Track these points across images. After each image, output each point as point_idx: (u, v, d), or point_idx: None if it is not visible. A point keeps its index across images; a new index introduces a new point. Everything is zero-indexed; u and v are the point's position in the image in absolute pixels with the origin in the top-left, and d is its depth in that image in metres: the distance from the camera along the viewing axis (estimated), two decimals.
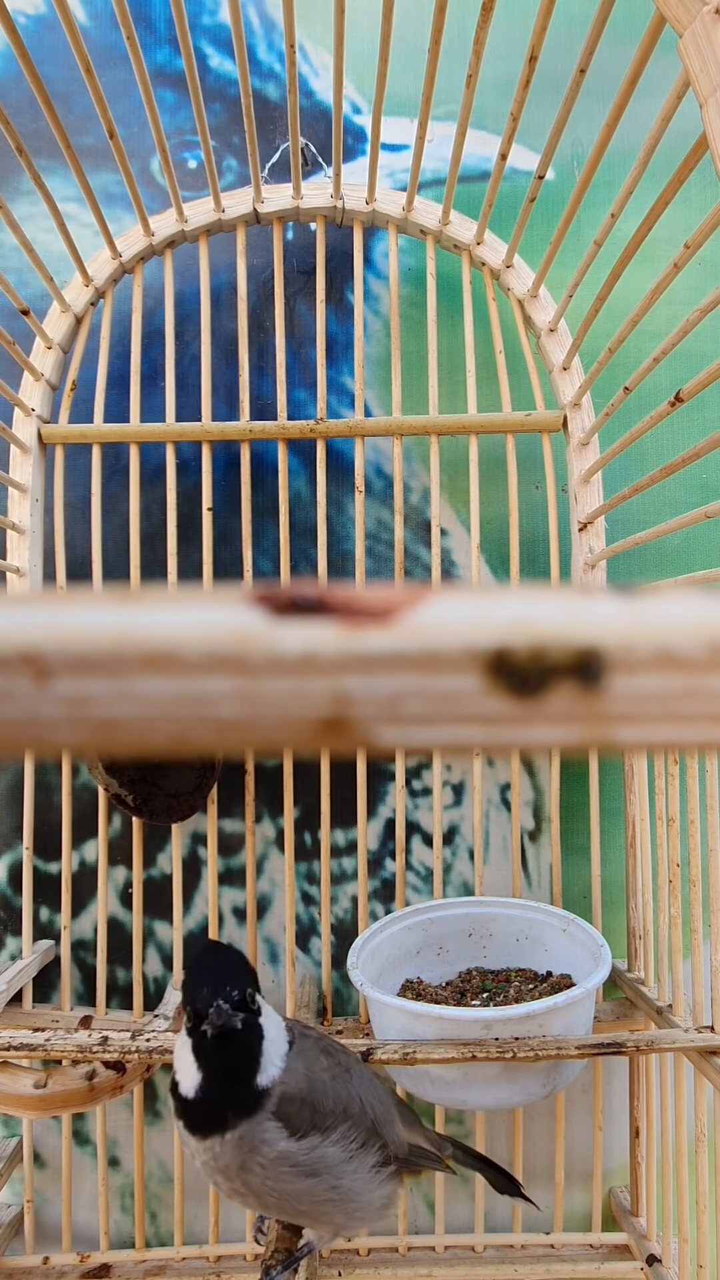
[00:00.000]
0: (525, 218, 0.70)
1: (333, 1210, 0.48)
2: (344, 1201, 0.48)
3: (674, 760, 0.66)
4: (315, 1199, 0.47)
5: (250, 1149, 0.45)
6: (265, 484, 0.81)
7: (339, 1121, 0.47)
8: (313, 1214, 0.48)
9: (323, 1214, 0.48)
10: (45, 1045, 0.57)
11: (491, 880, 0.81)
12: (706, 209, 0.79)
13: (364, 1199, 0.49)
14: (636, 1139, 0.76)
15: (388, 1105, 0.52)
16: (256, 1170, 0.45)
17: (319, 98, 0.85)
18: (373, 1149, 0.49)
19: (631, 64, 0.47)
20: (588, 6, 0.49)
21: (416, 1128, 0.55)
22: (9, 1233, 0.76)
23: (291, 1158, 0.45)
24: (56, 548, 0.78)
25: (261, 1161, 0.45)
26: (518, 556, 0.78)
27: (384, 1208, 0.51)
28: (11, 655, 0.13)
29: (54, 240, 0.74)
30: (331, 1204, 0.47)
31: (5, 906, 0.81)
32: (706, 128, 0.42)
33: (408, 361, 0.83)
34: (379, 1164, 0.49)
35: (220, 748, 0.14)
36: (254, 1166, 0.45)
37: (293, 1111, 0.46)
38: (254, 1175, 0.45)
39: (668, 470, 0.57)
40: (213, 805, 0.77)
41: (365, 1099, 0.50)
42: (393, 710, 0.13)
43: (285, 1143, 0.45)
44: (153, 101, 0.61)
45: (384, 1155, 0.50)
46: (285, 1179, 0.46)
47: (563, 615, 0.13)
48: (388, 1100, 0.52)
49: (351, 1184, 0.48)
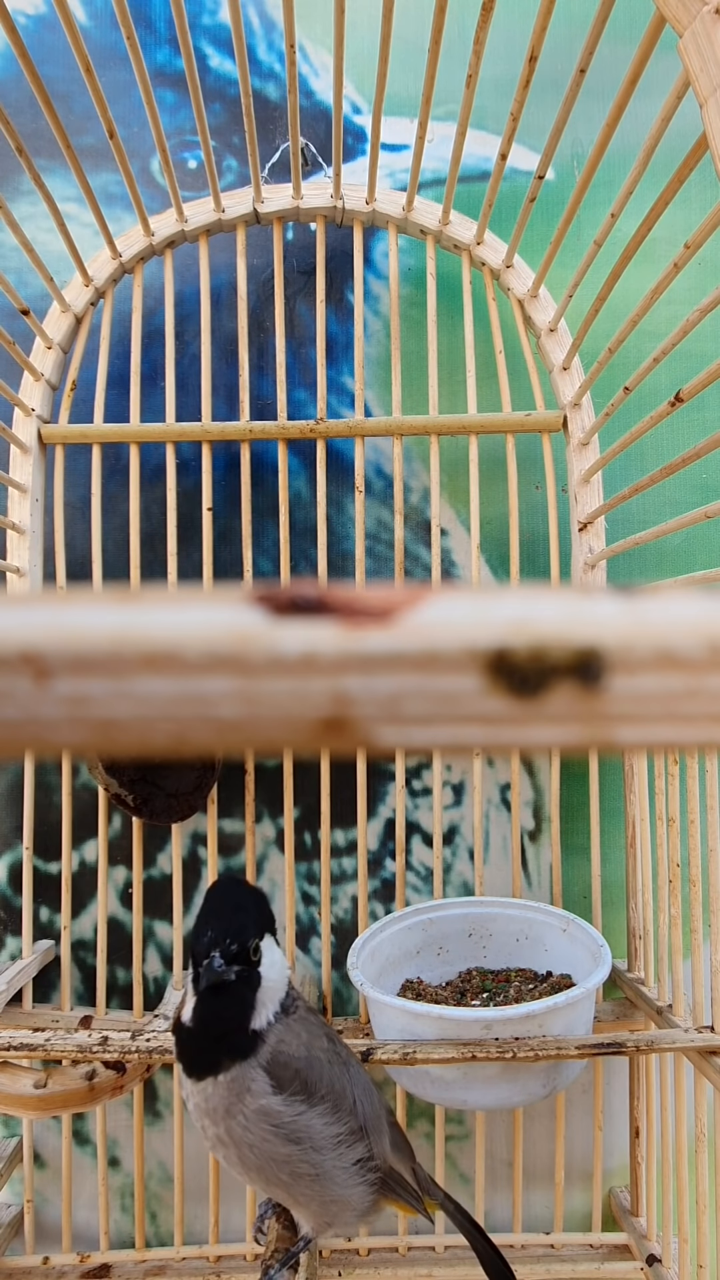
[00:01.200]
0: (525, 218, 0.70)
1: (311, 1192, 0.48)
2: (322, 1184, 0.48)
3: (674, 760, 0.66)
4: (295, 1171, 0.47)
5: (237, 1094, 0.46)
6: (265, 484, 0.81)
7: (327, 1100, 0.48)
8: (292, 1190, 0.48)
9: (301, 1193, 0.48)
10: (45, 1045, 0.57)
11: (491, 880, 0.81)
12: (706, 209, 0.79)
13: (343, 1191, 0.49)
14: (636, 1139, 0.76)
15: (379, 1117, 0.52)
16: (240, 1118, 0.46)
17: (319, 98, 0.85)
18: (357, 1147, 0.49)
19: (631, 64, 0.47)
20: (588, 6, 0.49)
21: (406, 1160, 0.54)
22: (9, 1233, 0.76)
23: (274, 1116, 0.46)
24: (56, 548, 0.78)
25: (245, 1111, 0.46)
26: (518, 556, 0.78)
27: (364, 1212, 0.51)
28: (11, 655, 0.13)
29: (54, 240, 0.74)
30: (310, 1182, 0.47)
31: (5, 906, 0.81)
32: (706, 128, 0.42)
33: (408, 361, 0.83)
34: (362, 1163, 0.49)
35: (220, 748, 0.14)
36: (238, 1113, 0.46)
37: (285, 1076, 0.46)
38: (237, 1123, 0.46)
39: (668, 470, 0.57)
40: (213, 805, 0.77)
41: (358, 1097, 0.50)
42: (393, 710, 0.13)
43: (270, 1098, 0.46)
44: (153, 101, 0.61)
45: (369, 1157, 0.50)
46: (266, 1137, 0.46)
47: (563, 615, 0.13)
48: (381, 1114, 0.52)
49: (331, 1169, 0.48)
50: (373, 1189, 0.50)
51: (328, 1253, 0.75)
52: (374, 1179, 0.50)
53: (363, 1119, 0.50)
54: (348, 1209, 0.50)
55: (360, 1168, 0.49)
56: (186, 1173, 0.78)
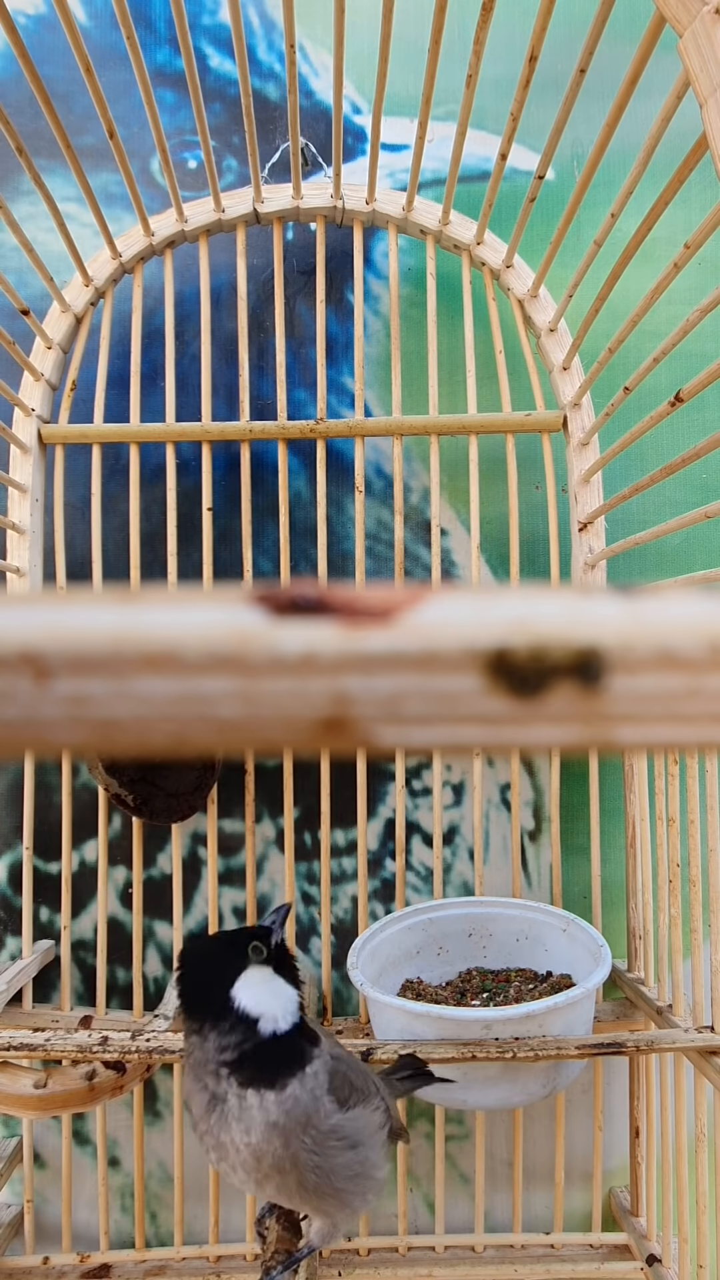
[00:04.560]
0: (525, 218, 0.70)
1: (354, 1188, 0.47)
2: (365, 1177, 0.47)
3: (674, 760, 0.66)
4: (350, 1173, 0.46)
5: (301, 1121, 0.44)
6: (265, 484, 0.81)
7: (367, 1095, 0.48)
8: (340, 1193, 0.47)
9: (346, 1193, 0.47)
10: (45, 1045, 0.57)
11: (491, 880, 0.81)
12: (706, 209, 0.79)
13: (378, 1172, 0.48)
14: (636, 1139, 0.76)
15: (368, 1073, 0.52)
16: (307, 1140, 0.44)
17: (319, 98, 0.85)
18: (386, 1122, 0.49)
19: (631, 64, 0.47)
20: (588, 6, 0.49)
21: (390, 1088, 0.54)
22: (9, 1233, 0.76)
23: (340, 1130, 0.45)
24: (56, 548, 0.78)
25: (313, 1134, 0.44)
26: (518, 556, 0.78)
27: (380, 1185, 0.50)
28: (11, 655, 0.13)
29: (54, 240, 0.74)
30: (358, 1179, 0.47)
31: (5, 906, 0.81)
32: (706, 128, 0.42)
33: (408, 361, 0.83)
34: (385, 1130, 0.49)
35: (220, 748, 0.14)
36: (316, 1123, 0.44)
37: (337, 1085, 0.46)
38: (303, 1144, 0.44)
39: (668, 470, 0.57)
40: (213, 805, 0.77)
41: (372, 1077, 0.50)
42: (393, 710, 0.13)
43: (338, 1116, 0.45)
44: (153, 101, 0.61)
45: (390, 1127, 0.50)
46: (332, 1152, 0.45)
47: (563, 615, 0.13)
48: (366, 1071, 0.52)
49: (375, 1158, 0.48)
50: (391, 1145, 0.50)
51: (328, 1253, 0.75)
52: (391, 1135, 0.50)
53: (381, 1093, 0.50)
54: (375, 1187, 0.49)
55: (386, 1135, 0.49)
56: (186, 1173, 0.78)
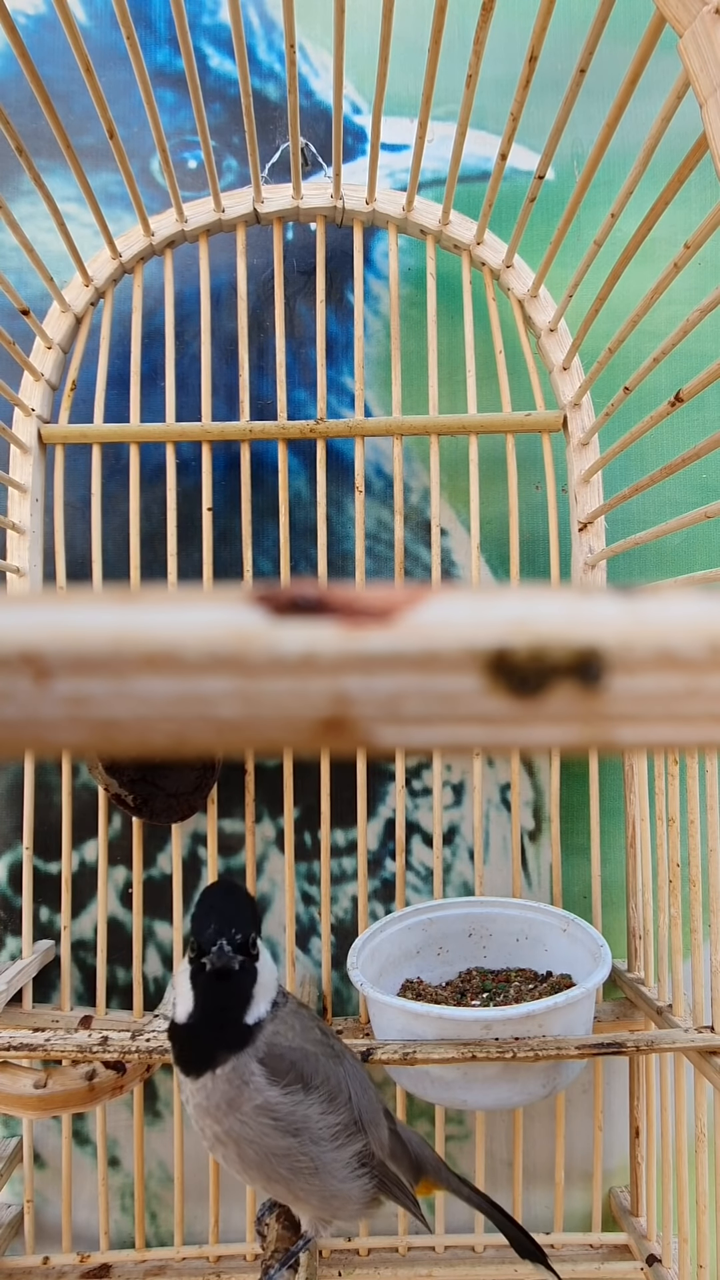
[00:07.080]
0: (525, 218, 0.70)
1: (310, 1187, 0.48)
2: (321, 1179, 0.48)
3: (674, 760, 0.66)
4: (294, 1165, 0.48)
5: (237, 1088, 0.46)
6: (265, 484, 0.81)
7: (322, 1091, 0.48)
8: (292, 1186, 0.48)
9: (301, 1189, 0.49)
10: (45, 1045, 0.57)
11: (491, 880, 0.81)
12: (706, 209, 0.79)
13: (341, 1186, 0.49)
14: (636, 1139, 0.76)
15: (376, 1111, 0.52)
16: (239, 1113, 0.47)
17: (319, 98, 0.85)
18: (355, 1139, 0.49)
19: (631, 64, 0.47)
20: (588, 6, 0.49)
21: (404, 1160, 0.55)
22: (9, 1233, 0.76)
23: (273, 1108, 0.47)
24: (56, 548, 0.78)
25: (245, 1106, 0.46)
26: (518, 556, 0.78)
27: (363, 1206, 0.51)
28: (11, 655, 0.13)
29: (54, 240, 0.74)
30: (309, 1177, 0.48)
31: (5, 906, 0.81)
32: (706, 128, 0.42)
33: (408, 361, 0.83)
34: (359, 1156, 0.50)
35: (220, 748, 0.14)
36: (239, 1107, 0.46)
37: (281, 1068, 0.47)
38: (236, 1118, 0.47)
39: (668, 470, 0.57)
40: (213, 805, 0.77)
41: (353, 1090, 0.50)
42: (393, 710, 0.13)
43: (268, 1090, 0.47)
44: (153, 101, 0.61)
45: (365, 1152, 0.50)
46: (266, 1131, 0.47)
47: (563, 615, 0.13)
48: (378, 1109, 0.53)
49: (330, 1162, 0.48)
50: (371, 1183, 0.51)
51: (328, 1253, 0.75)
52: (372, 1173, 0.50)
53: (358, 1111, 0.50)
54: (348, 1203, 0.50)
55: (357, 1161, 0.50)
56: (186, 1173, 0.78)
